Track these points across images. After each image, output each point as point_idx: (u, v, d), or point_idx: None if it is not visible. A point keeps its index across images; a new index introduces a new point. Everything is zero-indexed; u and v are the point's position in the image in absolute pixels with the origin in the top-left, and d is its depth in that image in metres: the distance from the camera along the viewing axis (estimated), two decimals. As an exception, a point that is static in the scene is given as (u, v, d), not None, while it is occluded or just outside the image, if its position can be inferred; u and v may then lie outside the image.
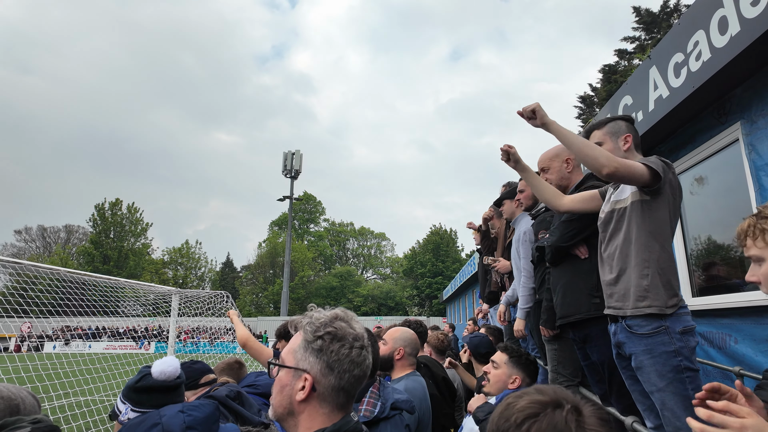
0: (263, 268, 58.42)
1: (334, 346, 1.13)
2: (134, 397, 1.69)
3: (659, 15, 21.50)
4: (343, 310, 1.23)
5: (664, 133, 3.88)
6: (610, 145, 2.34)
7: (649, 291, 2.03)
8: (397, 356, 2.56)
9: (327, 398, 1.12)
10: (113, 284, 7.49)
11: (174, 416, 1.50)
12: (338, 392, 1.12)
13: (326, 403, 1.12)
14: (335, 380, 1.12)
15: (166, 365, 1.72)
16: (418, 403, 2.29)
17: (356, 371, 1.14)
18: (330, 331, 1.14)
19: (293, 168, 23.14)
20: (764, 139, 2.96)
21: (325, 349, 1.13)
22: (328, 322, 1.16)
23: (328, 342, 1.13)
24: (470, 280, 19.99)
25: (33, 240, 60.37)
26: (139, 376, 1.73)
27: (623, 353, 2.16)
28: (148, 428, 1.46)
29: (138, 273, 52.31)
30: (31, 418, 1.22)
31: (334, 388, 1.12)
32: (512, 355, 2.67)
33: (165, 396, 1.72)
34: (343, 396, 1.13)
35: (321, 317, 1.18)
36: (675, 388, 1.94)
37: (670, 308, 2.01)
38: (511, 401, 0.84)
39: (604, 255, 2.27)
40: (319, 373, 1.12)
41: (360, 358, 1.15)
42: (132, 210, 57.03)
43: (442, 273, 52.37)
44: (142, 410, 1.66)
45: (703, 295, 3.66)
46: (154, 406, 1.65)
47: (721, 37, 2.86)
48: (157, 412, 1.56)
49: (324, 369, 1.12)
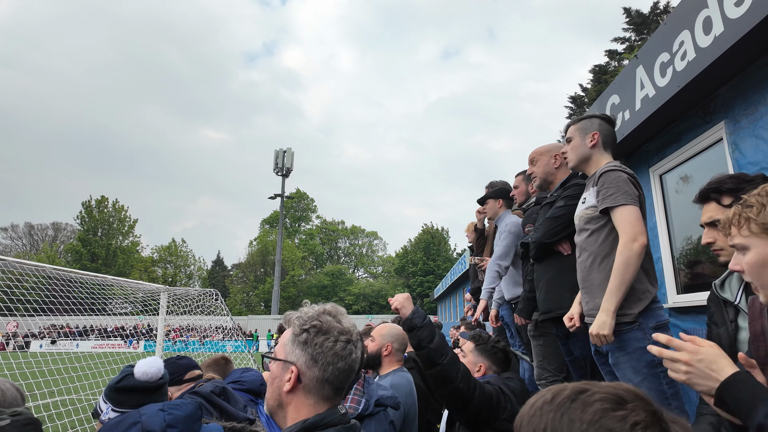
0: (254, 267, 58.13)
1: (318, 339, 1.16)
2: (115, 397, 1.67)
3: (649, 16, 21.72)
4: (334, 306, 1.26)
5: (650, 132, 3.92)
6: (578, 140, 2.42)
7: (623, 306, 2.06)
8: (385, 352, 2.58)
9: (312, 390, 1.15)
10: (101, 282, 7.41)
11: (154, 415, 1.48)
12: (323, 384, 1.15)
13: (311, 394, 1.15)
14: (319, 372, 1.14)
15: (149, 366, 1.70)
16: (403, 398, 2.30)
17: (340, 364, 1.16)
18: (315, 325, 1.18)
19: (284, 166, 23.03)
20: (747, 138, 3.01)
21: (310, 342, 1.16)
22: (314, 316, 1.20)
23: (312, 335, 1.17)
24: (461, 278, 20.08)
25: (20, 237, 59.57)
26: (121, 375, 1.70)
27: (601, 350, 2.20)
28: (127, 427, 1.45)
29: (127, 271, 51.79)
30: (11, 411, 1.21)
31: (318, 380, 1.15)
32: (478, 343, 2.62)
33: (146, 396, 1.69)
34: (329, 388, 1.16)
35: (309, 312, 1.22)
36: (650, 383, 1.99)
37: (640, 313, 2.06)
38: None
39: (582, 256, 2.32)
40: (304, 365, 1.15)
41: (345, 351, 1.17)
42: (118, 208, 56.40)
43: (433, 272, 52.54)
44: (123, 410, 1.64)
45: (688, 292, 3.72)
46: (134, 407, 1.61)
47: (706, 37, 2.90)
48: (137, 411, 1.54)
49: (309, 361, 1.15)
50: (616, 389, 0.65)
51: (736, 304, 1.61)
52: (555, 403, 0.64)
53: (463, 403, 1.92)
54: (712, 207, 1.65)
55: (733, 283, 1.67)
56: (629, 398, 0.63)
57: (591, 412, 0.62)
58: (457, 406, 1.94)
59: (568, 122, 2.55)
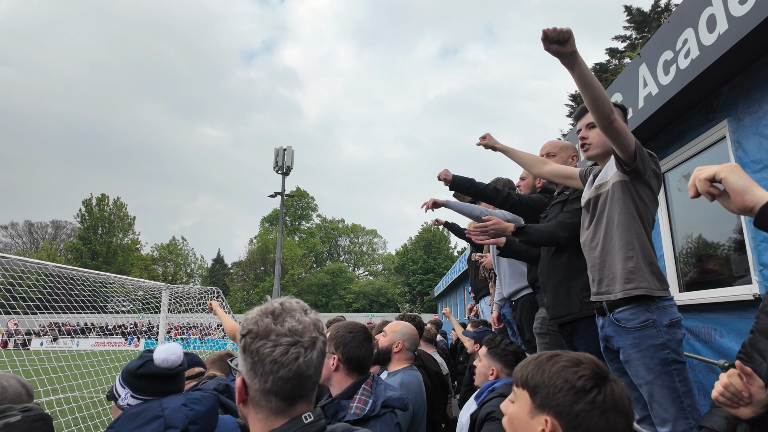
0: (254, 265, 58.17)
1: (255, 346, 1.01)
2: (134, 383, 1.64)
3: (650, 14, 21.68)
4: (284, 302, 1.09)
5: (653, 130, 3.92)
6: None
7: (635, 273, 2.06)
8: (396, 349, 2.59)
9: (258, 403, 1.03)
10: (102, 280, 7.42)
11: (177, 410, 1.49)
12: (268, 396, 1.01)
13: (260, 408, 1.03)
14: (260, 383, 1.01)
15: (169, 353, 1.67)
16: (413, 397, 2.30)
17: (282, 372, 1.00)
18: (252, 329, 1.03)
19: (284, 164, 23.05)
20: (750, 136, 3.01)
21: (248, 349, 1.02)
22: (254, 318, 1.05)
23: (249, 341, 1.02)
24: (461, 276, 20.09)
25: (20, 236, 59.59)
26: (141, 361, 1.67)
27: (611, 347, 2.19)
28: (149, 420, 1.45)
29: (127, 269, 51.85)
30: (22, 407, 1.22)
31: (261, 392, 1.01)
32: (489, 347, 2.65)
33: (166, 384, 1.67)
34: (277, 401, 1.01)
35: (252, 313, 1.07)
36: (663, 381, 1.97)
37: (660, 292, 2.04)
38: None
39: (587, 240, 2.30)
40: (247, 376, 1.03)
41: (287, 357, 1.00)
42: (118, 205, 56.46)
43: (434, 270, 52.55)
44: (143, 397, 1.63)
45: (690, 290, 3.72)
46: (154, 394, 1.61)
47: (710, 35, 2.90)
48: (159, 404, 1.54)
49: (249, 371, 1.02)
50: (578, 356, 1.06)
51: None
52: (537, 360, 1.09)
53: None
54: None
55: None
56: (585, 361, 1.04)
57: (558, 367, 1.04)
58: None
59: (582, 108, 2.41)
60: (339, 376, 1.99)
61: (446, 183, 3.19)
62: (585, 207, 2.35)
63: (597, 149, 2.35)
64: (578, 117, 2.44)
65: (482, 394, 2.41)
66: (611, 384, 1.01)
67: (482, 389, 2.44)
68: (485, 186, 3.13)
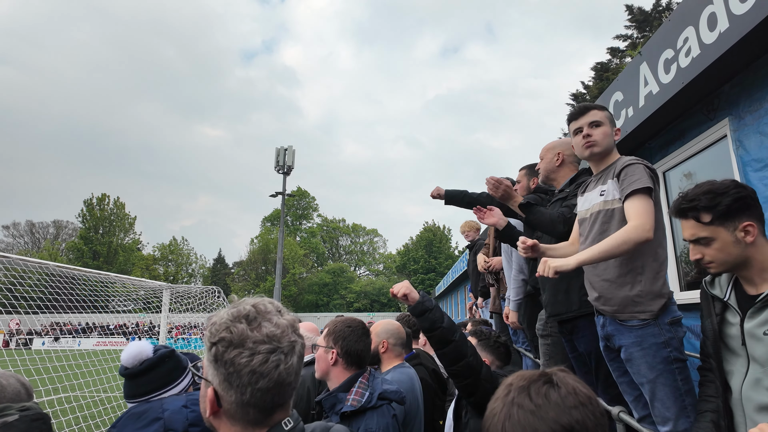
0: (255, 265, 58.21)
1: (229, 355, 0.92)
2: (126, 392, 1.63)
3: (651, 13, 21.64)
4: (257, 303, 1.00)
5: (654, 129, 3.91)
6: (607, 129, 2.30)
7: (643, 297, 2.03)
8: (382, 349, 2.57)
9: (234, 415, 0.94)
10: (103, 279, 7.42)
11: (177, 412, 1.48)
12: (245, 408, 0.93)
13: (236, 420, 0.95)
14: (236, 395, 0.92)
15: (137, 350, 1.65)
16: (405, 394, 2.30)
17: (262, 383, 0.92)
18: (224, 337, 0.94)
19: (285, 164, 23.03)
20: (751, 135, 3.00)
21: (220, 359, 0.93)
22: (227, 323, 0.95)
23: (222, 350, 0.93)
24: (462, 276, 20.07)
25: (21, 235, 59.72)
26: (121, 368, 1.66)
27: (612, 345, 2.17)
28: (150, 422, 1.44)
29: (128, 269, 51.92)
30: (20, 406, 1.21)
31: (238, 404, 0.93)
32: (480, 339, 2.66)
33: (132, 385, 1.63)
34: (255, 412, 0.94)
35: (223, 317, 0.97)
36: (665, 379, 1.97)
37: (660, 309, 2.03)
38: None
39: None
40: (220, 387, 0.94)
41: (266, 366, 0.92)
42: (119, 205, 56.50)
43: (435, 269, 52.56)
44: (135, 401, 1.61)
45: (691, 289, 3.71)
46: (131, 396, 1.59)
47: (710, 33, 2.89)
48: (160, 405, 1.52)
49: (223, 382, 0.93)
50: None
51: (726, 300, 1.66)
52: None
53: (474, 379, 2.02)
54: (691, 224, 1.67)
55: (723, 280, 1.72)
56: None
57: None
58: (470, 382, 2.02)
59: (587, 105, 2.36)
60: (337, 370, 2.01)
61: (440, 198, 3.29)
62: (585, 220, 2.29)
63: (601, 147, 2.29)
64: (577, 116, 2.35)
65: None
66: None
67: None
68: (479, 194, 3.17)
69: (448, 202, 3.36)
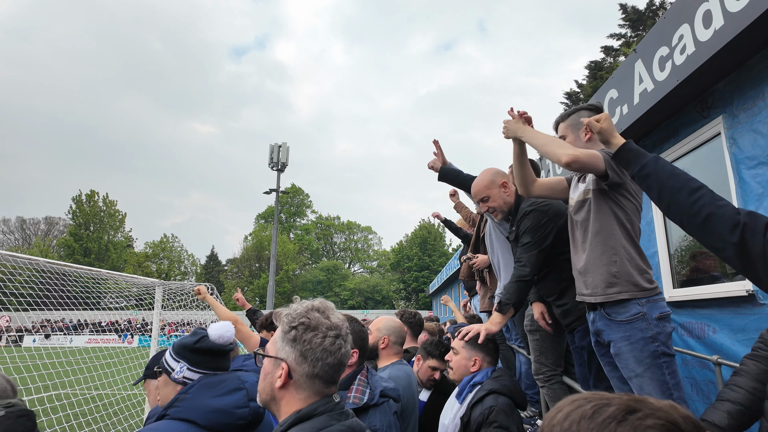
0: (249, 262, 57.99)
1: (307, 336, 1.19)
2: (190, 357, 1.68)
3: (645, 12, 21.73)
4: (322, 302, 1.29)
5: (648, 126, 3.92)
6: (571, 137, 2.40)
7: (618, 278, 2.08)
8: (382, 345, 2.57)
9: (303, 385, 1.19)
10: (96, 276, 7.36)
11: (254, 384, 1.55)
12: (313, 379, 1.19)
13: (302, 389, 1.19)
14: (309, 368, 1.18)
15: (225, 330, 1.73)
16: (401, 391, 2.29)
17: (330, 359, 1.19)
18: (303, 322, 1.21)
19: (279, 161, 22.97)
20: (745, 133, 3.02)
21: (299, 339, 1.19)
22: (303, 313, 1.23)
23: (301, 332, 1.20)
24: (456, 274, 20.12)
25: (11, 232, 59.15)
26: (197, 337, 1.71)
27: (602, 341, 2.20)
28: (232, 391, 1.58)
29: (120, 266, 51.51)
30: (5, 402, 1.19)
31: (308, 376, 1.18)
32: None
33: (220, 359, 1.73)
34: (320, 383, 1.20)
35: (298, 309, 1.25)
36: (652, 374, 1.99)
37: (645, 291, 2.05)
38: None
39: (575, 243, 2.32)
40: (294, 362, 1.19)
41: (334, 346, 1.21)
42: (108, 203, 55.96)
43: (429, 267, 52.66)
44: (200, 371, 1.67)
45: (684, 286, 3.73)
46: (209, 368, 1.67)
47: (705, 30, 2.89)
48: (237, 377, 1.65)
49: (298, 358, 1.19)
50: (669, 413, 0.54)
51: None
52: (596, 421, 0.54)
53: None
54: None
55: None
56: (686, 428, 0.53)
57: None
58: None
59: (556, 119, 2.51)
60: None
61: (435, 171, 3.28)
62: (573, 210, 2.35)
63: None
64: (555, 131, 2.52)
65: (463, 391, 2.34)
66: None
67: (462, 386, 2.37)
68: (471, 177, 3.17)
69: (441, 178, 3.34)
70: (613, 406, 0.54)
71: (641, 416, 0.52)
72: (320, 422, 1.13)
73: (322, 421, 1.14)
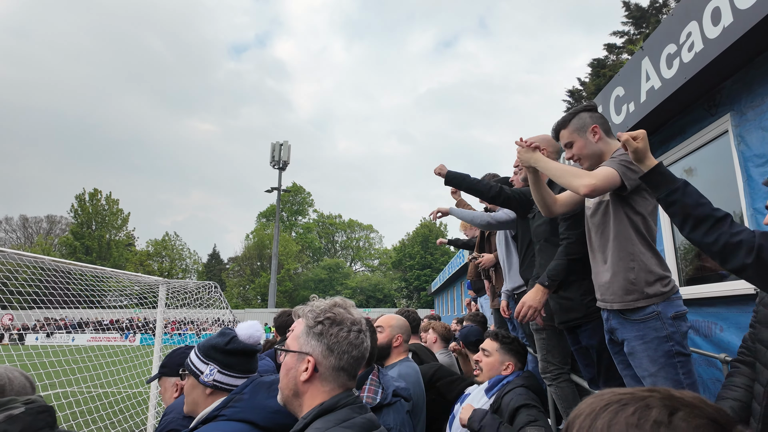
0: (250, 260, 58.04)
1: (333, 330, 1.24)
2: (222, 359, 1.59)
3: (648, 10, 21.67)
4: (342, 299, 1.35)
5: (655, 124, 3.91)
6: (580, 141, 2.29)
7: (636, 284, 2.06)
8: (395, 343, 2.58)
9: (328, 378, 1.22)
10: (99, 274, 7.37)
11: None
12: (338, 372, 1.23)
13: (327, 382, 1.22)
14: (335, 361, 1.22)
15: (254, 329, 1.67)
16: (412, 388, 2.30)
17: (354, 352, 1.25)
18: (329, 317, 1.26)
19: (281, 159, 22.96)
20: (753, 130, 3.01)
21: (325, 333, 1.23)
22: (327, 308, 1.28)
23: (327, 326, 1.24)
24: (458, 272, 20.12)
25: (14, 230, 59.26)
26: (227, 338, 1.62)
27: (615, 339, 2.18)
28: None
29: (122, 264, 51.58)
30: (25, 399, 1.20)
31: (334, 368, 1.22)
32: (503, 342, 2.70)
33: (251, 360, 1.67)
34: (344, 375, 1.24)
35: (321, 305, 1.30)
36: (667, 373, 1.97)
37: (662, 296, 2.03)
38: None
39: (593, 247, 2.30)
40: (321, 355, 1.22)
41: (358, 340, 1.26)
42: (110, 201, 56.01)
43: (431, 265, 52.66)
44: (233, 374, 1.59)
45: (691, 284, 3.72)
46: (242, 371, 1.61)
47: (714, 28, 2.88)
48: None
49: (325, 351, 1.22)
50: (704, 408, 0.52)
51: None
52: (644, 429, 0.50)
53: None
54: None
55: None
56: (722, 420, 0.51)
57: None
58: None
59: (555, 126, 2.39)
60: None
61: (441, 176, 3.25)
62: (590, 214, 2.33)
63: (589, 160, 2.32)
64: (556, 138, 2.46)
65: (494, 387, 2.48)
66: None
67: (493, 383, 2.51)
68: (478, 181, 3.14)
69: (447, 183, 3.33)
70: (654, 408, 0.51)
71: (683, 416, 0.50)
72: (343, 414, 1.16)
73: (345, 414, 1.16)
